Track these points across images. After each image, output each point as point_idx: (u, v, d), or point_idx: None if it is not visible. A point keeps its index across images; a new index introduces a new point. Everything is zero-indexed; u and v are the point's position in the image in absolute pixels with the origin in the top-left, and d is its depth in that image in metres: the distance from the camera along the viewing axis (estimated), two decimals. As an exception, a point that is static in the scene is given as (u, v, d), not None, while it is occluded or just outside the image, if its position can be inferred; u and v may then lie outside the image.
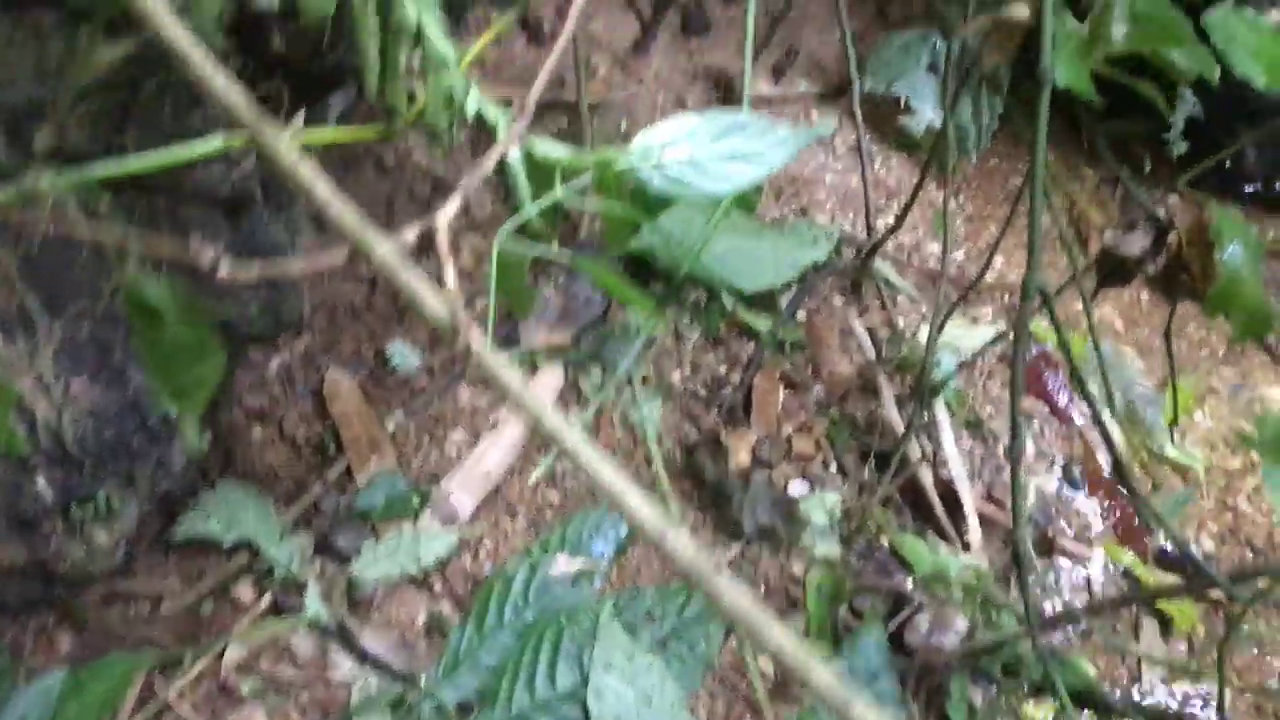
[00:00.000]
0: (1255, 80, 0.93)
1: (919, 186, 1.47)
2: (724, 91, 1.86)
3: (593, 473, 0.51)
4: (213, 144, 0.72)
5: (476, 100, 0.81)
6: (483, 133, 0.93)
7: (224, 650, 1.14)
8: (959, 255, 1.77)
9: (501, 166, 0.82)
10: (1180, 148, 1.74)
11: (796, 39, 1.93)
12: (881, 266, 1.67)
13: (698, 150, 0.81)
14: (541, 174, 0.84)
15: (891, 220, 1.57)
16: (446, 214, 0.58)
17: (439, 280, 0.56)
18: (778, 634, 0.48)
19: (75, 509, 1.06)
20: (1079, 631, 1.39)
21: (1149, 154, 1.88)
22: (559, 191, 0.79)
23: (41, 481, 1.04)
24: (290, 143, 0.55)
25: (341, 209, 0.55)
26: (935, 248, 1.75)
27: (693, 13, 1.91)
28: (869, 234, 1.63)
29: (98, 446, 1.05)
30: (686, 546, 0.49)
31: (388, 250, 0.54)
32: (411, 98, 0.83)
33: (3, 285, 0.94)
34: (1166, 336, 1.16)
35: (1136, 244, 1.09)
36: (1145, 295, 1.75)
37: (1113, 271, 1.12)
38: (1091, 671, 1.31)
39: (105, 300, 0.98)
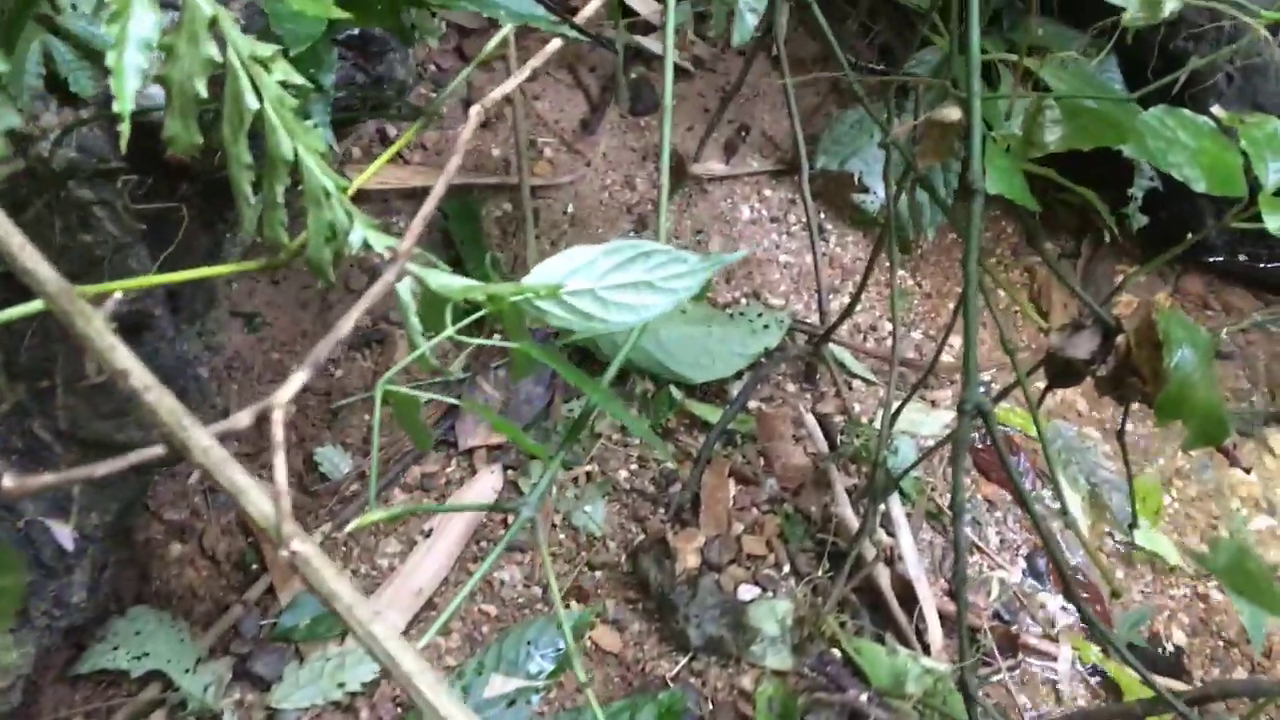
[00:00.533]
0: (1195, 184, 0.89)
1: (870, 266, 1.43)
2: (674, 171, 1.81)
3: (424, 699, 0.45)
4: (33, 306, 0.65)
5: (362, 232, 0.75)
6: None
7: (129, 795, 1.07)
8: (916, 335, 1.72)
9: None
10: (1139, 221, 1.71)
11: (749, 116, 1.90)
12: (836, 350, 1.63)
13: (600, 281, 0.76)
14: (437, 304, 0.79)
15: (847, 299, 1.52)
16: (284, 394, 0.53)
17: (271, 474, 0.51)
18: None
19: (-37, 652, 1.00)
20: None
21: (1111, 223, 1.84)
22: (450, 329, 0.74)
23: (-74, 625, 0.98)
24: (102, 325, 0.50)
25: (159, 396, 0.49)
26: (891, 328, 1.70)
27: (641, 91, 1.87)
28: (822, 318, 1.58)
29: (-14, 587, 0.98)
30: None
31: (208, 444, 0.49)
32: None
33: None
34: (1120, 438, 1.10)
35: (1084, 346, 1.04)
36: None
37: (1060, 374, 1.07)
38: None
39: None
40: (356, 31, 1.18)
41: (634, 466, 1.45)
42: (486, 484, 1.36)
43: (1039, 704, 1.38)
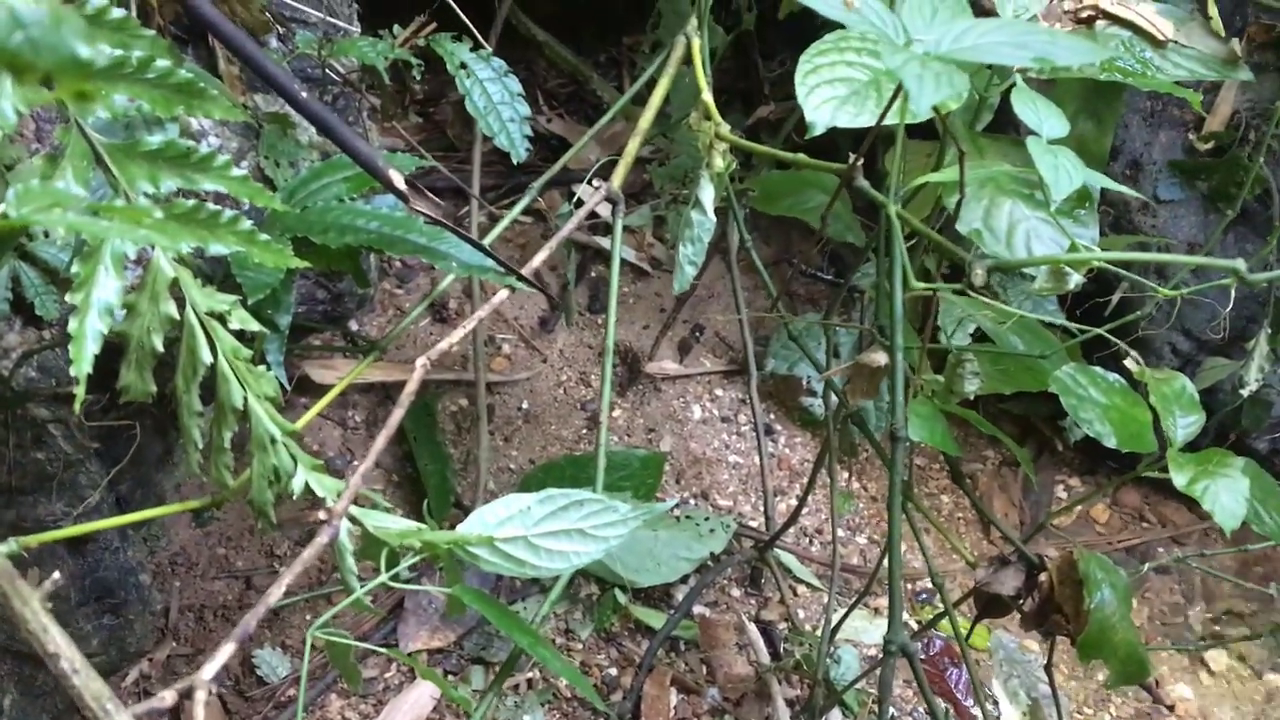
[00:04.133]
0: (1106, 440, 0.94)
1: (816, 470, 1.47)
2: (629, 368, 1.87)
3: None
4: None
5: (304, 477, 0.78)
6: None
7: None
8: (861, 539, 1.75)
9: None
10: (1077, 433, 1.76)
11: (703, 316, 1.97)
12: (782, 555, 1.65)
13: (533, 529, 0.79)
14: (377, 545, 0.81)
15: (794, 501, 1.55)
16: (207, 673, 0.55)
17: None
18: None
19: None
20: None
21: (1053, 434, 1.91)
22: (384, 576, 0.76)
23: None
24: (37, 606, 0.52)
25: (86, 680, 0.51)
26: (840, 532, 1.73)
27: (599, 290, 1.94)
28: (768, 523, 1.61)
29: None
30: None
31: (128, 733, 0.51)
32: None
33: None
34: (1048, 670, 1.13)
35: (1009, 583, 1.07)
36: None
37: (988, 607, 1.10)
38: None
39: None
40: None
41: (577, 670, 1.45)
42: (426, 690, 1.36)
43: None
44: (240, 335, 0.78)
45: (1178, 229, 1.69)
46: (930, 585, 1.67)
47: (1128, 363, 1.01)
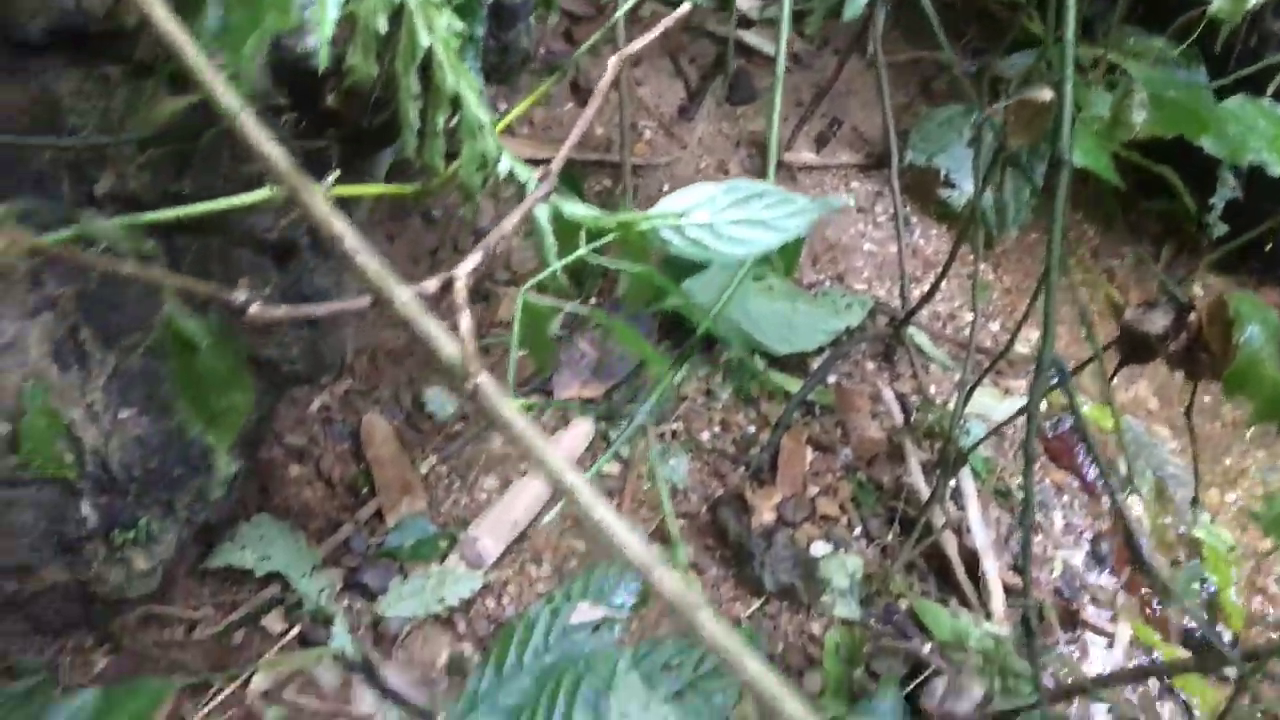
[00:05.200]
0: (1271, 168, 0.95)
1: (953, 257, 1.50)
2: (765, 158, 1.90)
3: (586, 508, 0.54)
4: (259, 195, 0.77)
5: (509, 162, 0.85)
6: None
7: (250, 678, 1.18)
8: (994, 327, 1.78)
9: (531, 225, 0.86)
10: (1219, 229, 1.75)
11: (841, 111, 1.98)
12: (915, 334, 1.70)
13: (717, 216, 0.85)
14: (569, 232, 0.88)
15: (927, 289, 1.59)
16: (465, 268, 0.62)
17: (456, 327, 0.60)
18: (753, 666, 0.50)
19: (117, 534, 1.11)
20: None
21: (1192, 233, 1.89)
22: (583, 249, 0.83)
23: (86, 506, 1.09)
24: (322, 197, 0.60)
25: (367, 259, 0.59)
26: (970, 318, 1.77)
27: (738, 82, 1.96)
28: (903, 301, 1.66)
29: (142, 475, 1.09)
30: (672, 581, 0.52)
31: (407, 298, 0.58)
32: (449, 157, 0.88)
33: (60, 318, 0.99)
34: (1187, 414, 1.16)
35: (1157, 322, 1.10)
36: (1180, 375, 1.75)
37: (1134, 349, 1.13)
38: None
39: (154, 334, 1.04)
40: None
41: (716, 429, 1.53)
42: (579, 430, 1.45)
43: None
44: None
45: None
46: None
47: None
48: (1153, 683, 1.43)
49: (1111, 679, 1.23)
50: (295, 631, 1.23)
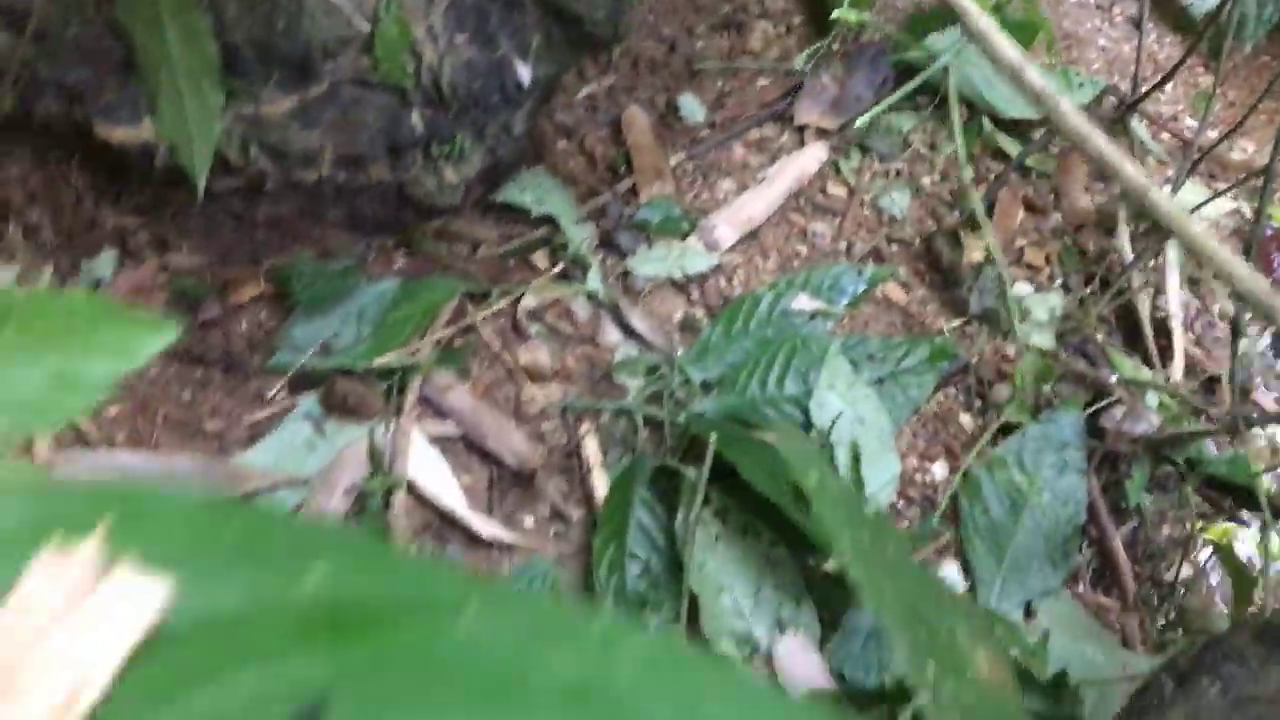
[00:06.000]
0: None
1: (1184, 59, 1.56)
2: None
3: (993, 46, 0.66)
4: None
5: None
6: None
7: (521, 296, 1.36)
8: (1213, 134, 1.83)
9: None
10: None
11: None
12: (1137, 127, 1.76)
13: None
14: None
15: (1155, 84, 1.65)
16: None
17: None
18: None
19: (435, 146, 1.29)
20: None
21: None
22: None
23: (415, 116, 1.27)
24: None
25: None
26: (1191, 123, 1.82)
27: None
28: (1133, 88, 1.72)
29: (465, 95, 1.26)
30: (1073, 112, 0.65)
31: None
32: None
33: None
34: None
35: None
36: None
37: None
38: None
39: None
40: None
41: (937, 176, 1.64)
42: (813, 154, 1.58)
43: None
44: None
45: None
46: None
47: None
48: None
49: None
50: (558, 269, 1.41)
